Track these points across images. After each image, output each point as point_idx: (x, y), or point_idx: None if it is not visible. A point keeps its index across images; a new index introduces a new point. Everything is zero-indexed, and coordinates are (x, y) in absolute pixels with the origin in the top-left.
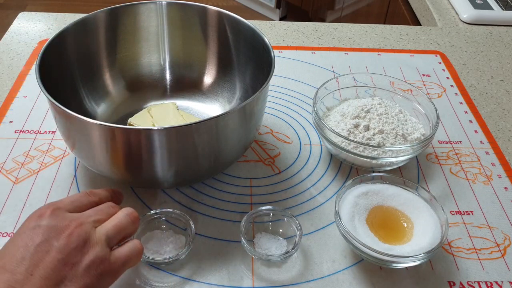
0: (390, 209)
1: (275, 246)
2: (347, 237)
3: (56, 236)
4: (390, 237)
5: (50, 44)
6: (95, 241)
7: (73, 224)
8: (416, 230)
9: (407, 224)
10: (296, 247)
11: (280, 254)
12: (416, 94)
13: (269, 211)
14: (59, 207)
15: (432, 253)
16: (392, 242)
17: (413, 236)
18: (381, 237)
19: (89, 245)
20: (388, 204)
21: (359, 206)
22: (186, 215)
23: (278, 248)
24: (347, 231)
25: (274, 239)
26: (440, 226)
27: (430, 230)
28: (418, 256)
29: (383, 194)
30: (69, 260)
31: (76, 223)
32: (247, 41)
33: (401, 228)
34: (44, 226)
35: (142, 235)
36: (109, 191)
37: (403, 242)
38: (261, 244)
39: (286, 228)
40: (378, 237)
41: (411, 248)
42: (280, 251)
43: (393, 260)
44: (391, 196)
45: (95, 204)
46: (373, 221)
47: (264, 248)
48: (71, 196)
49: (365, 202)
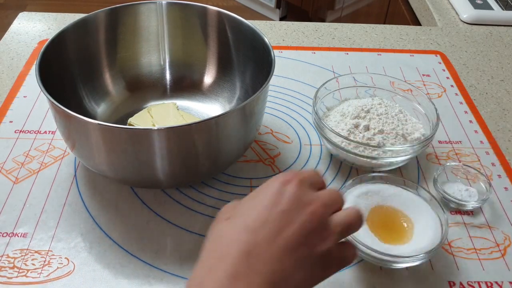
0: (390, 209)
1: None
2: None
3: (300, 210)
4: (390, 237)
5: (50, 44)
6: (332, 230)
7: (317, 203)
8: (416, 230)
9: (407, 224)
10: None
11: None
12: (416, 94)
13: None
14: (303, 180)
15: (432, 253)
16: (392, 242)
17: (413, 236)
18: (381, 237)
19: (327, 232)
20: (388, 204)
21: (359, 206)
22: None
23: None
24: None
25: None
26: (440, 226)
27: (430, 230)
28: (418, 256)
29: (383, 194)
30: (307, 240)
31: (320, 204)
32: (247, 41)
33: (401, 228)
34: (289, 194)
35: None
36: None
37: (403, 242)
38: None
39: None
40: (378, 237)
41: (411, 248)
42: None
43: (393, 260)
44: (391, 196)
45: (324, 186)
46: (373, 221)
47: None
48: (308, 171)
49: (365, 202)
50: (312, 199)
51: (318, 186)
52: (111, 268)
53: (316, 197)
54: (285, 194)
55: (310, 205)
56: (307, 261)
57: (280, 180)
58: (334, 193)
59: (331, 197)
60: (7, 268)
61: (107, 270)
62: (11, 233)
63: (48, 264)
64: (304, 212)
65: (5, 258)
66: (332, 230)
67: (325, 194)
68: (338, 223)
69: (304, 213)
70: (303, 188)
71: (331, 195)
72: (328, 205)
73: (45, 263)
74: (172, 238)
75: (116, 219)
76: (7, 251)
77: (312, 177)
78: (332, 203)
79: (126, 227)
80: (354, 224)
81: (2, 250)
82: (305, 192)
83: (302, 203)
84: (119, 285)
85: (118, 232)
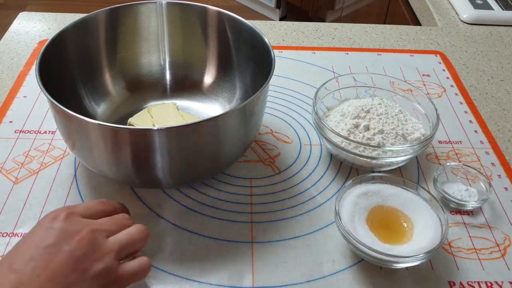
0: (390, 209)
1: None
2: (347, 237)
3: (67, 239)
4: (390, 237)
5: (50, 44)
6: (106, 250)
7: (85, 230)
8: (416, 230)
9: (407, 224)
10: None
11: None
12: (416, 94)
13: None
14: (73, 212)
15: (432, 253)
16: (392, 242)
17: (413, 236)
18: (381, 237)
19: (99, 253)
20: (388, 204)
21: (359, 206)
22: None
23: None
24: (347, 231)
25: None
26: (440, 226)
27: (430, 230)
28: (418, 256)
29: (383, 194)
30: (78, 266)
31: (89, 229)
32: (247, 41)
33: (401, 228)
34: (56, 228)
35: None
36: (121, 204)
37: (403, 242)
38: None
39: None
40: (378, 237)
41: (411, 248)
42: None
43: (393, 260)
44: (391, 196)
45: (109, 213)
46: (373, 221)
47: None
48: (86, 203)
49: (365, 202)
50: (80, 227)
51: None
52: None
53: (89, 224)
54: (53, 229)
55: (79, 233)
56: (81, 285)
57: (51, 217)
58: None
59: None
60: None
61: None
62: (11, 233)
63: None
64: (72, 241)
65: None
66: (107, 250)
67: (105, 219)
68: (114, 242)
69: (72, 242)
70: (73, 220)
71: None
72: (99, 229)
73: None
74: (172, 238)
75: None
76: (7, 251)
77: (90, 208)
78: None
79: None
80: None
81: (2, 250)
82: (75, 223)
83: (71, 233)
84: None
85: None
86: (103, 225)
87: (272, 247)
